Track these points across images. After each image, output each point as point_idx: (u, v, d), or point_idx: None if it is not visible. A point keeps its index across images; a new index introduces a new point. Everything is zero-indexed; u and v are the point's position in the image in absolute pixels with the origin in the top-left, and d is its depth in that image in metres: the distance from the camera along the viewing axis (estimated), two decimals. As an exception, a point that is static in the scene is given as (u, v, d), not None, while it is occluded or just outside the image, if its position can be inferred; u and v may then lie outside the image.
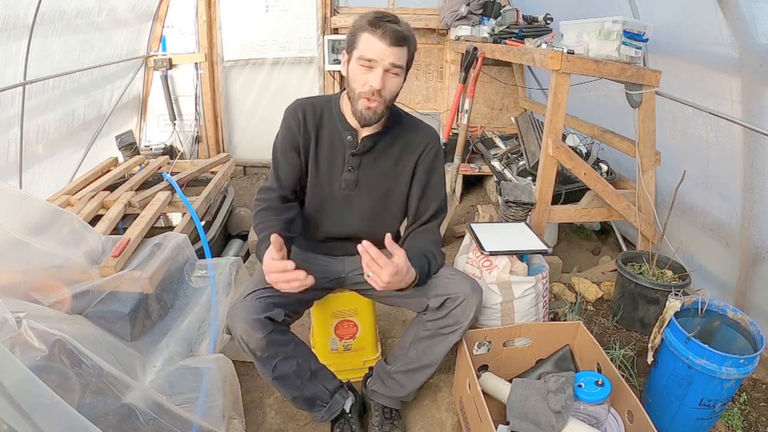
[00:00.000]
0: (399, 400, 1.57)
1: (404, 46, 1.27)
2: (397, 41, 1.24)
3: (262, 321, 1.26)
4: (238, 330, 1.27)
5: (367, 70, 1.27)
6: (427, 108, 4.02)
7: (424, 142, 1.45)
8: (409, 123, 1.48)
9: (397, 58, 1.26)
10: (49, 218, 1.66)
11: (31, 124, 2.45)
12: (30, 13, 2.23)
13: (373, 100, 1.28)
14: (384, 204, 1.49)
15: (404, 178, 1.47)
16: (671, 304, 1.51)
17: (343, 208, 1.48)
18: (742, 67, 1.75)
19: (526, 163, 2.70)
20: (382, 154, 1.44)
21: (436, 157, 1.47)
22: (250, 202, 3.35)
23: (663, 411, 1.52)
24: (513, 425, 1.36)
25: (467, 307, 1.35)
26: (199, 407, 1.40)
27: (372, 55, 1.25)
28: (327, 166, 1.45)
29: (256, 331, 1.25)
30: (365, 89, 1.28)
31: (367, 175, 1.45)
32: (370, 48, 1.24)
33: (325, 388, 1.48)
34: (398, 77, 1.30)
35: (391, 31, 1.23)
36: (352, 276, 1.56)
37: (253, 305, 1.28)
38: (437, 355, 1.43)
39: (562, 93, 2.06)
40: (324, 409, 1.49)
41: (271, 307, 1.30)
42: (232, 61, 3.84)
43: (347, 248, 1.52)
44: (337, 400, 1.51)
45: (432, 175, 1.48)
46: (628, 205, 2.28)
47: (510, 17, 2.89)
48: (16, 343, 1.15)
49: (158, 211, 2.11)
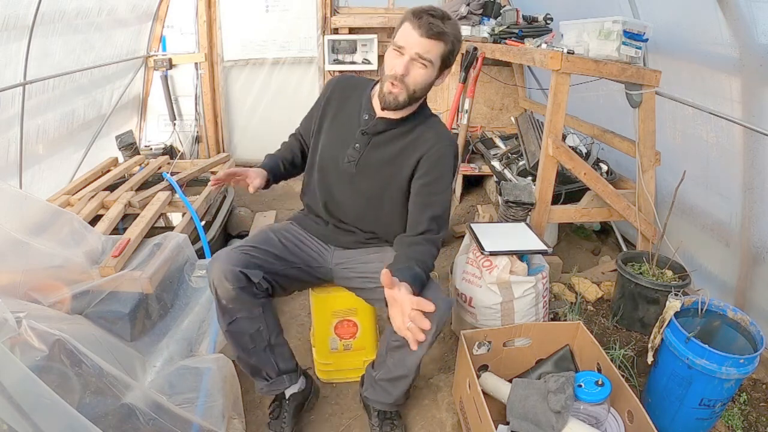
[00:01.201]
0: (393, 405, 1.56)
1: (438, 41, 1.28)
2: (431, 34, 1.26)
3: (236, 273, 1.32)
4: (212, 274, 1.34)
5: (397, 56, 1.31)
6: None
7: (433, 140, 1.41)
8: (430, 123, 1.46)
9: (425, 50, 1.28)
10: (49, 218, 1.66)
11: (31, 124, 2.45)
12: (30, 13, 2.23)
13: (396, 85, 1.32)
14: (382, 192, 1.46)
15: (405, 172, 1.42)
16: (671, 304, 1.51)
17: (343, 184, 1.49)
18: (742, 67, 1.75)
19: (526, 163, 2.70)
20: (391, 141, 1.44)
21: (441, 159, 1.41)
22: (250, 202, 3.36)
23: (663, 411, 1.52)
24: (513, 425, 1.36)
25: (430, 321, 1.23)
26: (199, 407, 1.40)
27: (403, 43, 1.29)
28: (339, 138, 1.49)
29: (228, 281, 1.31)
30: (390, 73, 1.32)
31: (370, 157, 1.45)
32: (404, 36, 1.29)
33: (275, 363, 1.50)
34: (425, 69, 1.31)
35: (427, 24, 1.25)
36: (338, 270, 1.56)
37: (234, 256, 1.36)
38: (410, 366, 1.42)
39: (562, 93, 2.06)
40: (266, 383, 1.52)
41: (252, 265, 1.37)
42: (232, 61, 3.83)
43: (339, 239, 1.57)
44: (282, 381, 1.53)
45: (433, 176, 1.40)
46: (628, 205, 2.28)
47: (510, 17, 2.88)
48: (16, 343, 1.15)
49: (158, 211, 2.11)
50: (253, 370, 1.51)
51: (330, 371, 1.80)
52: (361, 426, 1.64)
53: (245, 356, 1.46)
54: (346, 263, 1.55)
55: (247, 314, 1.39)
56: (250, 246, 1.42)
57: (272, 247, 1.48)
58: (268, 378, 1.52)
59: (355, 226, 1.55)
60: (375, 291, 1.44)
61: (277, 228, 1.58)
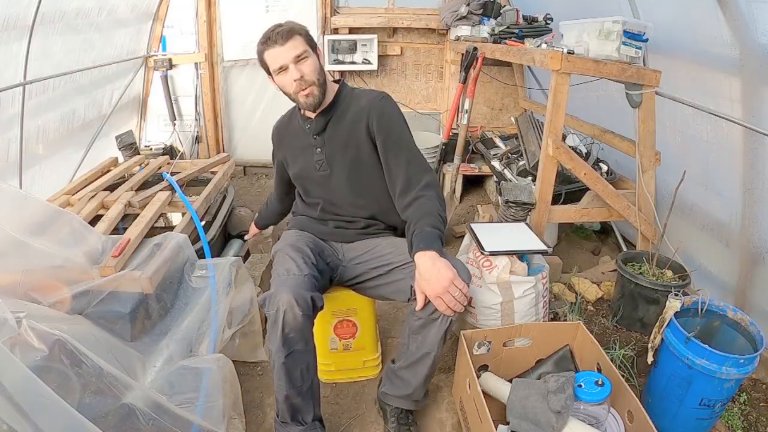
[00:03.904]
0: (409, 399, 1.54)
1: (294, 37, 1.42)
2: (286, 38, 1.41)
3: (307, 300, 1.29)
4: (280, 301, 1.27)
5: (285, 73, 1.45)
6: (427, 108, 4.02)
7: (368, 103, 1.51)
8: (356, 93, 1.58)
9: (294, 50, 1.42)
10: (49, 218, 1.66)
11: (31, 124, 2.45)
12: (30, 13, 2.23)
13: (304, 88, 1.45)
14: (357, 174, 1.56)
15: (363, 140, 1.51)
16: (671, 304, 1.51)
17: (328, 187, 1.60)
18: (742, 67, 1.75)
19: (526, 163, 2.70)
20: (337, 125, 1.55)
21: (383, 112, 1.50)
22: (250, 202, 3.36)
23: (663, 411, 1.52)
24: (513, 425, 1.36)
25: None
26: (199, 407, 1.40)
27: (279, 63, 1.43)
28: (303, 158, 1.62)
29: (299, 307, 1.27)
30: (294, 86, 1.44)
31: (331, 149, 1.56)
32: (274, 58, 1.44)
33: (313, 407, 1.44)
34: (308, 59, 1.45)
35: (277, 35, 1.41)
36: (350, 267, 1.58)
37: (301, 281, 1.32)
38: (432, 341, 1.39)
39: (562, 93, 2.06)
40: (300, 428, 1.43)
41: (314, 287, 1.36)
42: (232, 61, 3.84)
43: (343, 233, 1.63)
44: (315, 428, 1.45)
45: (387, 129, 1.49)
46: (628, 205, 2.28)
47: (510, 17, 2.88)
48: (16, 343, 1.14)
49: (158, 211, 2.11)
50: (293, 413, 1.42)
51: (330, 371, 1.80)
52: (361, 426, 1.64)
53: (293, 394, 1.37)
54: (357, 258, 1.59)
55: (304, 346, 1.34)
56: (305, 265, 1.38)
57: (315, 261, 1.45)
58: (303, 422, 1.43)
59: (353, 216, 1.61)
60: (391, 273, 1.50)
61: (296, 239, 1.54)
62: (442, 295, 1.24)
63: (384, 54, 3.79)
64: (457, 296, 1.25)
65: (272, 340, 1.32)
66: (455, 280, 1.24)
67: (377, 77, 3.89)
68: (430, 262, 1.25)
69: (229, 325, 1.73)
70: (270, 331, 1.32)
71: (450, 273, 1.24)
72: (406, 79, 3.97)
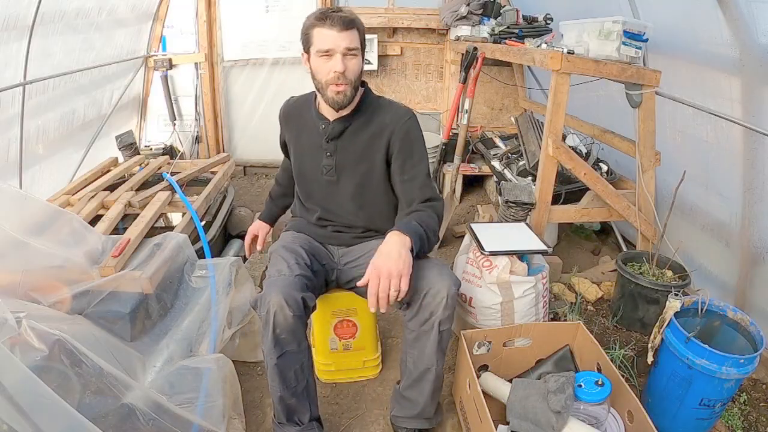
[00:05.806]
0: (420, 417, 1.50)
1: (353, 29, 1.36)
2: (346, 26, 1.33)
3: (297, 300, 1.28)
4: (270, 301, 1.26)
5: (327, 59, 1.36)
6: (427, 108, 4.01)
7: (393, 119, 1.46)
8: (380, 104, 1.51)
9: (350, 42, 1.35)
10: (49, 218, 1.66)
11: (31, 124, 2.45)
12: (30, 13, 2.23)
13: (340, 83, 1.37)
14: (366, 185, 1.51)
15: (379, 158, 1.47)
16: (671, 304, 1.51)
17: (331, 193, 1.55)
18: (742, 67, 1.75)
19: (526, 163, 2.70)
20: (355, 135, 1.48)
21: (407, 133, 1.46)
22: (250, 202, 3.36)
23: (663, 411, 1.52)
24: (513, 425, 1.36)
25: (437, 295, 1.30)
26: (199, 407, 1.40)
27: (328, 45, 1.34)
28: (309, 156, 1.55)
29: (289, 308, 1.26)
30: (330, 76, 1.36)
31: (344, 158, 1.50)
32: (324, 39, 1.34)
33: (310, 406, 1.43)
34: (356, 58, 1.39)
35: (338, 19, 1.32)
36: (346, 270, 1.57)
37: (291, 281, 1.31)
38: (429, 356, 1.38)
39: (562, 93, 2.06)
40: (296, 428, 1.43)
41: (305, 288, 1.33)
42: (232, 61, 3.83)
43: (339, 237, 1.60)
44: (313, 428, 1.44)
45: (407, 152, 1.46)
46: (628, 205, 2.28)
47: (510, 17, 2.88)
48: (16, 343, 1.15)
49: (158, 211, 2.11)
50: (288, 413, 1.41)
51: (330, 371, 1.80)
52: (361, 426, 1.64)
53: (287, 395, 1.37)
54: (352, 261, 1.57)
55: (296, 347, 1.32)
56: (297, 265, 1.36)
57: (309, 262, 1.44)
58: (300, 423, 1.43)
59: (351, 224, 1.58)
60: None
61: (291, 240, 1.54)
62: (382, 276, 1.20)
63: (384, 54, 3.78)
64: (391, 290, 1.19)
65: (264, 341, 1.31)
66: (404, 277, 1.21)
67: (377, 77, 3.89)
68: (398, 245, 1.24)
69: (229, 325, 1.73)
70: (262, 332, 1.32)
71: (405, 268, 1.21)
72: (406, 79, 3.97)
